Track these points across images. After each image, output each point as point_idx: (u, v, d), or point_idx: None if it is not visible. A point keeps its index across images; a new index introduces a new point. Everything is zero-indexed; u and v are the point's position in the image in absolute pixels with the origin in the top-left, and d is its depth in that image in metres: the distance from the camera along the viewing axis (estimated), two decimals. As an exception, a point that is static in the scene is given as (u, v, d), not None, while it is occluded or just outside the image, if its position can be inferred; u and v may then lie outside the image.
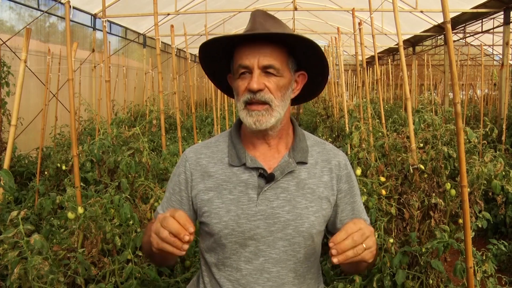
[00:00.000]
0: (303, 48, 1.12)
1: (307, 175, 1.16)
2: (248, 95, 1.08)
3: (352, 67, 15.75)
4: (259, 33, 1.06)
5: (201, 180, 1.16)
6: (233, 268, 1.13)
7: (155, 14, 3.10)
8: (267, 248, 1.11)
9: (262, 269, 1.12)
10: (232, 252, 1.12)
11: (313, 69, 1.18)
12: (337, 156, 1.21)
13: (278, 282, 1.12)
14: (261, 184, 1.12)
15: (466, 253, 1.76)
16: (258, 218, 1.10)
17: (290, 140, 1.20)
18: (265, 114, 1.09)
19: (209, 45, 1.14)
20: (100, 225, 2.09)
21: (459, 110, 1.68)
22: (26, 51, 2.22)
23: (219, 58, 1.19)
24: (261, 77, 1.08)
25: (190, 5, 8.64)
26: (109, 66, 4.09)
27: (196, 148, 1.23)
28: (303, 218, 1.11)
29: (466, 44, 10.25)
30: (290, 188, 1.13)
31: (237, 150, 1.16)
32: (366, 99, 3.71)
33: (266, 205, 1.11)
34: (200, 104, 11.74)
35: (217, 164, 1.17)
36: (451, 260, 2.39)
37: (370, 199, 2.40)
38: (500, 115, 6.47)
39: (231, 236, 1.11)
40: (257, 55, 1.07)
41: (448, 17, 1.68)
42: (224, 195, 1.13)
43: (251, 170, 1.13)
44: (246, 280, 1.12)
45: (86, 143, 2.93)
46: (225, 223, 1.11)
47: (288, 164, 1.14)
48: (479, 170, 2.52)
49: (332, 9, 9.99)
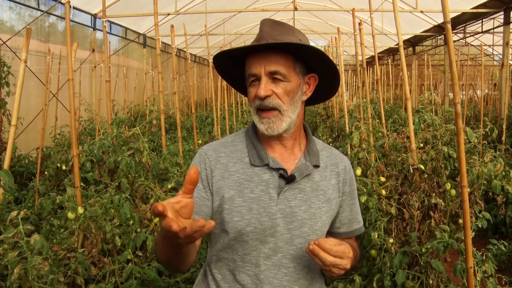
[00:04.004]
0: (307, 53, 1.17)
1: (319, 177, 1.24)
2: (257, 101, 1.16)
3: (352, 67, 15.76)
4: (259, 44, 1.13)
5: (221, 178, 1.19)
6: (252, 264, 1.17)
7: (155, 14, 3.10)
8: (285, 245, 1.17)
9: (280, 264, 1.18)
10: (252, 249, 1.16)
11: (322, 70, 1.24)
12: (343, 161, 1.30)
13: (294, 277, 1.19)
14: (281, 184, 1.18)
15: (466, 253, 1.76)
16: (278, 216, 1.16)
17: (304, 143, 1.27)
18: (276, 121, 1.16)
19: (220, 58, 1.22)
20: (100, 225, 2.09)
21: (459, 110, 1.68)
22: (26, 51, 2.22)
23: (235, 66, 1.26)
24: (269, 84, 1.14)
25: (190, 5, 8.64)
26: (109, 66, 4.09)
27: (214, 146, 1.25)
28: (316, 218, 1.19)
29: (466, 44, 10.26)
30: (306, 189, 1.20)
31: (258, 151, 1.21)
32: (366, 99, 3.71)
33: (285, 204, 1.17)
34: (200, 104, 11.75)
35: (237, 163, 1.21)
36: (451, 260, 2.39)
37: (370, 199, 2.40)
38: (500, 115, 6.48)
39: (253, 233, 1.15)
40: (263, 63, 1.14)
41: (448, 17, 1.68)
42: (245, 193, 1.17)
43: (272, 171, 1.19)
44: (265, 275, 1.17)
45: (86, 143, 2.93)
46: (247, 220, 1.15)
47: (306, 167, 1.21)
48: (479, 170, 2.52)
49: (332, 9, 10.00)
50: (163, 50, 11.47)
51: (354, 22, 3.94)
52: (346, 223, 1.30)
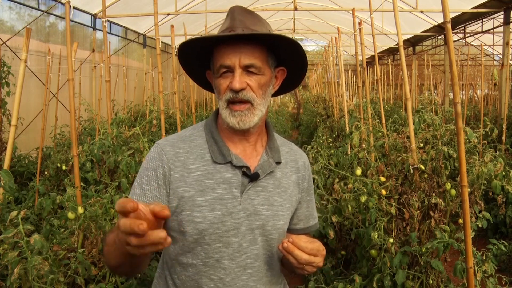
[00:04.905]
0: (284, 46, 1.13)
1: (281, 174, 1.20)
2: (230, 94, 1.09)
3: (352, 67, 15.75)
4: (240, 33, 1.06)
5: (180, 176, 1.11)
6: (216, 268, 1.12)
7: (155, 14, 3.10)
8: (248, 245, 1.13)
9: (245, 265, 1.14)
10: (215, 252, 1.11)
11: (293, 64, 1.20)
12: (302, 157, 1.28)
13: (259, 276, 1.16)
14: (245, 182, 1.13)
15: (466, 253, 1.76)
16: (242, 216, 1.12)
17: (265, 138, 1.23)
18: (248, 114, 1.10)
19: (189, 45, 1.14)
20: (100, 225, 2.09)
21: (459, 110, 1.68)
22: (26, 51, 2.22)
23: (198, 56, 1.19)
24: (243, 76, 1.09)
25: (190, 5, 8.64)
26: (109, 66, 4.10)
27: (171, 141, 1.17)
28: (279, 216, 1.16)
29: (466, 44, 10.25)
30: (268, 187, 1.16)
31: (220, 147, 1.15)
32: (366, 99, 3.71)
33: (248, 203, 1.13)
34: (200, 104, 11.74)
35: (197, 160, 1.13)
36: (451, 260, 2.39)
37: (370, 199, 2.40)
38: (500, 115, 6.47)
39: (215, 235, 1.10)
40: (238, 55, 1.08)
41: (448, 17, 1.68)
42: (207, 192, 1.10)
43: (235, 168, 1.13)
44: (231, 278, 1.12)
45: (86, 143, 2.93)
46: (209, 221, 1.09)
47: (269, 164, 1.17)
48: (479, 170, 2.52)
49: (332, 9, 10.00)
50: (163, 50, 11.47)
51: (354, 22, 3.94)
52: (302, 219, 1.28)
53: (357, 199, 2.47)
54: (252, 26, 1.10)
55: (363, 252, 2.48)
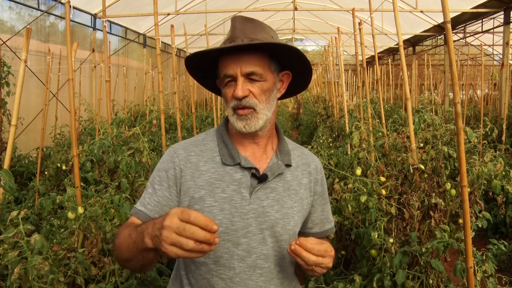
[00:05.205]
0: (284, 51, 1.17)
1: (291, 177, 1.23)
2: (235, 101, 1.15)
3: (352, 67, 15.75)
4: (237, 45, 1.11)
5: (191, 178, 1.17)
6: (226, 267, 1.15)
7: (155, 14, 3.10)
8: (258, 245, 1.16)
9: (255, 265, 1.16)
10: (225, 251, 1.14)
11: (296, 67, 1.24)
12: (314, 161, 1.31)
13: (269, 277, 1.18)
14: (254, 183, 1.17)
15: (466, 253, 1.76)
16: (251, 216, 1.15)
17: (275, 142, 1.27)
18: (252, 118, 1.15)
19: (193, 59, 1.21)
20: (100, 225, 2.09)
21: (459, 110, 1.68)
22: (26, 51, 2.22)
23: (206, 66, 1.25)
24: (245, 84, 1.14)
25: (190, 5, 8.64)
26: (109, 66, 4.09)
27: (184, 145, 1.23)
28: (289, 217, 1.19)
29: (466, 44, 10.25)
30: (278, 189, 1.20)
31: (229, 150, 1.20)
32: (366, 99, 3.71)
33: (258, 204, 1.16)
34: (200, 104, 11.74)
35: (207, 163, 1.19)
36: (451, 260, 2.39)
37: (370, 199, 2.40)
38: (500, 115, 6.48)
39: (225, 234, 1.13)
40: (239, 64, 1.13)
41: (448, 17, 1.68)
42: (216, 193, 1.15)
43: (244, 170, 1.18)
44: (240, 278, 1.15)
45: (86, 143, 2.93)
46: (219, 221, 1.12)
47: (278, 166, 1.21)
48: (479, 170, 2.52)
49: (332, 9, 10.00)
50: (163, 50, 11.47)
51: (354, 22, 3.94)
52: (318, 223, 1.31)
53: (357, 199, 2.47)
54: (253, 34, 1.15)
55: (363, 252, 2.48)
